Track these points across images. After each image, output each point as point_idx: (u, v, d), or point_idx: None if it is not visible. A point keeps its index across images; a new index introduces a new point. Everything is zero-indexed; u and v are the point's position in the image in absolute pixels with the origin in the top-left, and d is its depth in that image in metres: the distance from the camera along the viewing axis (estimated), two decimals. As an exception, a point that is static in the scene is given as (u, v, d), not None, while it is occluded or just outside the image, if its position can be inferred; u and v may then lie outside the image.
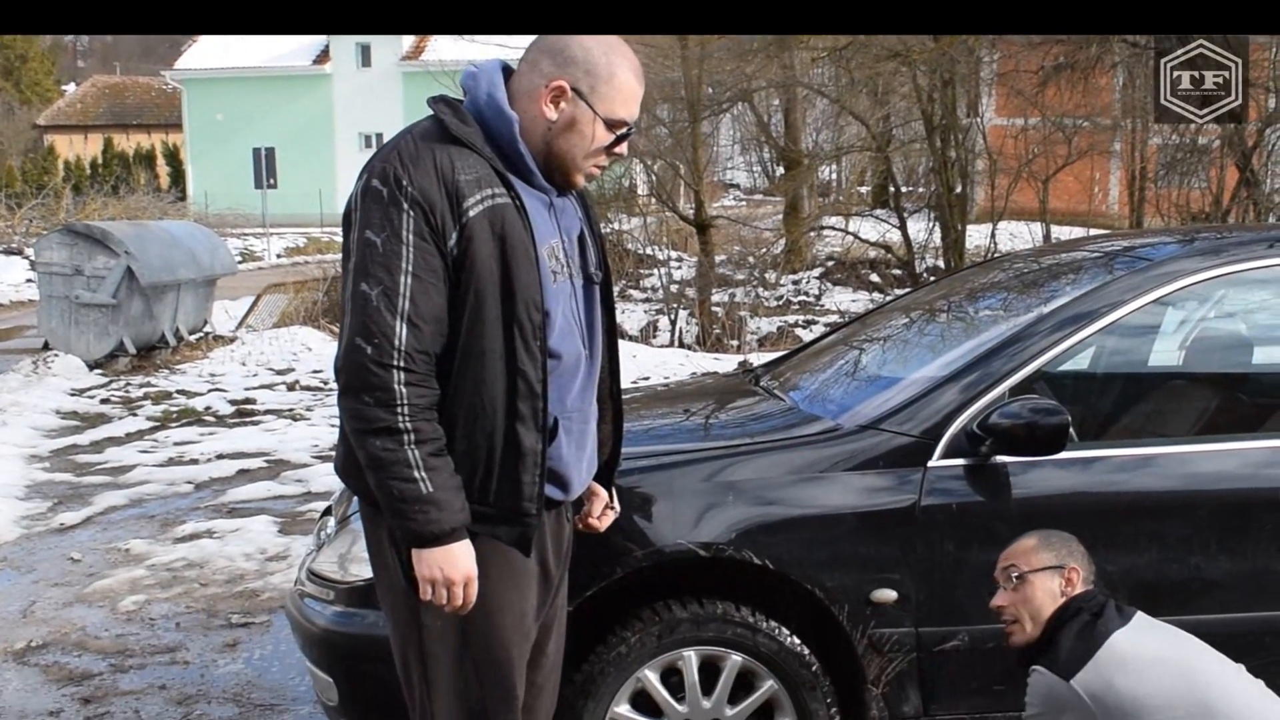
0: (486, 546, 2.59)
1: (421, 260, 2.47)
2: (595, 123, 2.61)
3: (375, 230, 2.47)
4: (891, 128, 19.70)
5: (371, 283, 2.46)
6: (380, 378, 2.45)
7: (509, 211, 2.54)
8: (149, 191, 33.84)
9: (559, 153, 2.63)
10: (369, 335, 2.45)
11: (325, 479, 8.08)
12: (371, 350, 2.45)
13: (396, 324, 2.45)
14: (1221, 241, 3.99)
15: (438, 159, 2.50)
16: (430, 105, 2.64)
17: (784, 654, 3.40)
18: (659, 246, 20.99)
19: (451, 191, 2.48)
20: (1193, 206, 17.18)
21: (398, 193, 2.46)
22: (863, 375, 4.21)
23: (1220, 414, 4.01)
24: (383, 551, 2.67)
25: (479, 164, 2.54)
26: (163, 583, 6.05)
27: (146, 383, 12.41)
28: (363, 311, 2.46)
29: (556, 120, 2.60)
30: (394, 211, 2.46)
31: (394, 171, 2.48)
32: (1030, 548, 3.09)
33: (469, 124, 2.58)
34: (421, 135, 2.56)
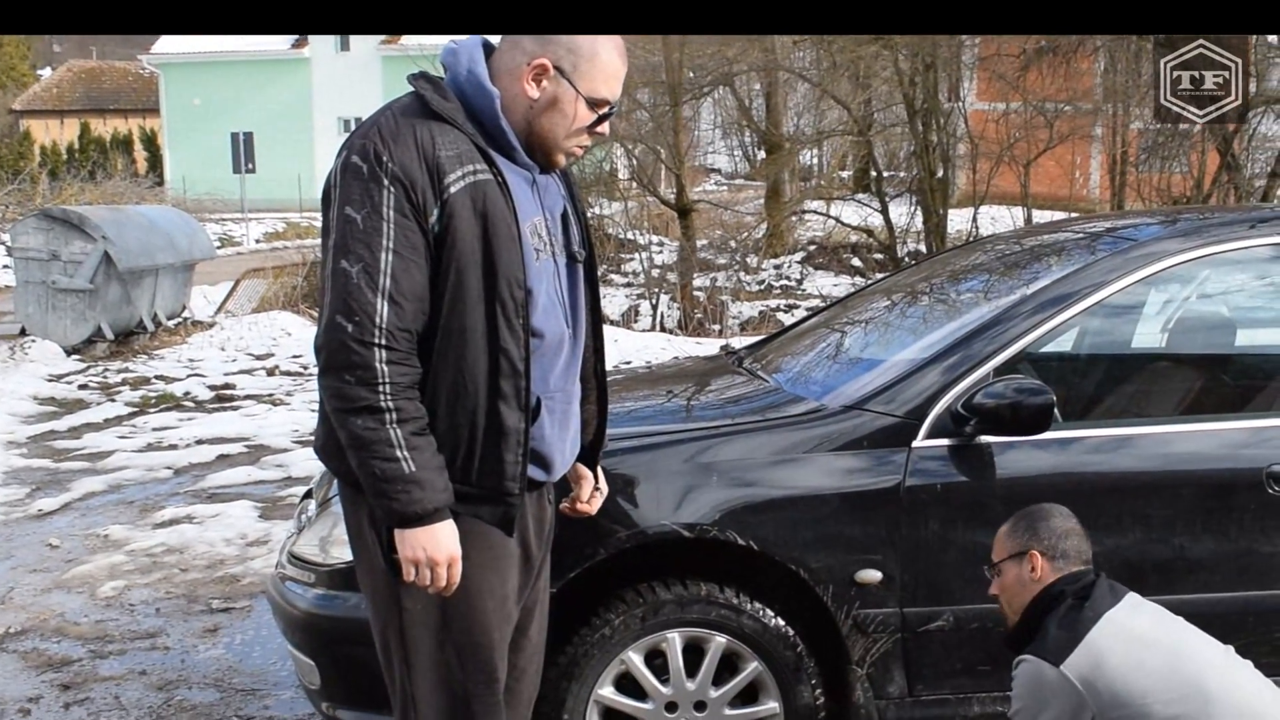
0: (469, 528, 2.57)
1: (403, 237, 2.44)
2: (578, 102, 2.58)
3: (355, 207, 2.44)
4: (873, 112, 19.68)
5: (352, 260, 2.43)
6: (361, 356, 2.42)
7: (491, 188, 2.51)
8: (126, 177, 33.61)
9: (540, 132, 2.60)
10: (350, 313, 2.42)
11: (305, 464, 8.04)
12: (352, 328, 2.42)
13: (378, 301, 2.42)
14: (1204, 222, 3.99)
15: (418, 135, 2.47)
16: (411, 81, 2.60)
17: (768, 635, 3.39)
18: (640, 231, 20.98)
19: (432, 168, 2.46)
20: (1174, 191, 17.23)
21: (378, 169, 2.43)
22: (847, 356, 4.20)
23: (1204, 394, 4.02)
24: (363, 534, 2.64)
25: (460, 140, 2.51)
26: (142, 568, 6.01)
27: (125, 368, 12.35)
28: (343, 289, 2.43)
29: (538, 99, 2.58)
30: (374, 188, 2.43)
31: (374, 148, 2.45)
32: (1001, 535, 3.09)
33: (450, 100, 2.55)
34: (402, 111, 2.53)
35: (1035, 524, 3.03)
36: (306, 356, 12.78)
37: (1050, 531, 3.01)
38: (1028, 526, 3.03)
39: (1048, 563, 2.98)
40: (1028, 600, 2.99)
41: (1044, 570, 2.98)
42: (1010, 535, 3.06)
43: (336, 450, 2.56)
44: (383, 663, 2.72)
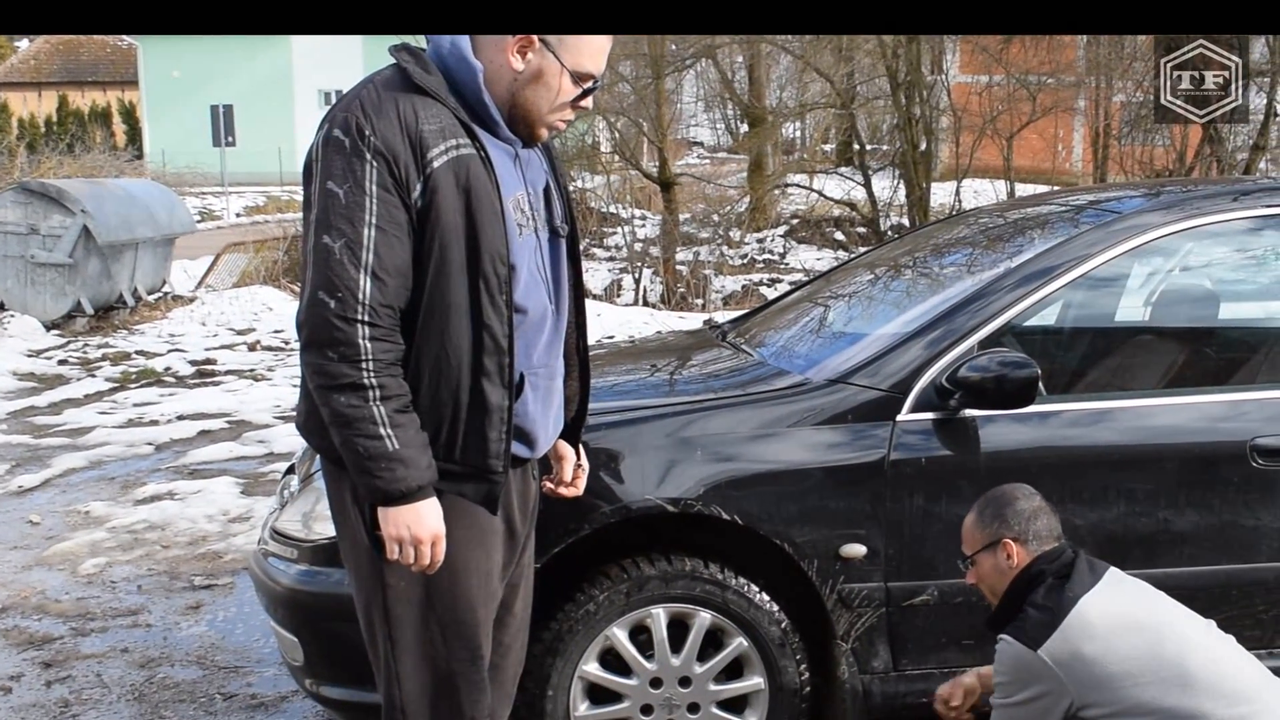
0: (452, 505, 2.55)
1: (385, 212, 2.41)
2: (562, 75, 2.56)
3: (338, 181, 2.41)
4: (856, 84, 19.66)
5: (334, 235, 2.40)
6: (344, 332, 2.39)
7: (474, 163, 2.48)
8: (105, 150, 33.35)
9: (524, 105, 2.57)
10: (332, 289, 2.40)
11: (287, 439, 8.01)
12: (335, 304, 2.39)
13: (360, 277, 2.39)
14: (1187, 195, 3.97)
15: (401, 108, 2.44)
16: (392, 53, 2.57)
17: (753, 611, 3.39)
18: (623, 205, 20.95)
19: (415, 142, 2.43)
20: (1156, 164, 17.25)
21: (360, 143, 2.40)
22: (830, 330, 4.18)
23: (1188, 367, 4.02)
24: (346, 510, 2.63)
25: (443, 114, 2.48)
26: (124, 545, 5.98)
27: (105, 343, 12.28)
28: (325, 265, 2.40)
29: (523, 71, 2.55)
30: (356, 162, 2.40)
31: (356, 121, 2.42)
32: (969, 527, 3.08)
33: (432, 73, 2.52)
34: (384, 84, 2.49)
35: (1002, 511, 3.02)
36: (288, 331, 12.72)
37: (1018, 516, 3.00)
38: (995, 515, 3.03)
39: (1021, 547, 2.98)
40: (1007, 585, 2.99)
41: (1019, 555, 2.97)
42: (979, 526, 3.05)
43: (319, 426, 2.54)
44: (366, 639, 2.70)
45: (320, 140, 2.46)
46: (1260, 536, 3.51)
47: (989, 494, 3.10)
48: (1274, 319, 4.06)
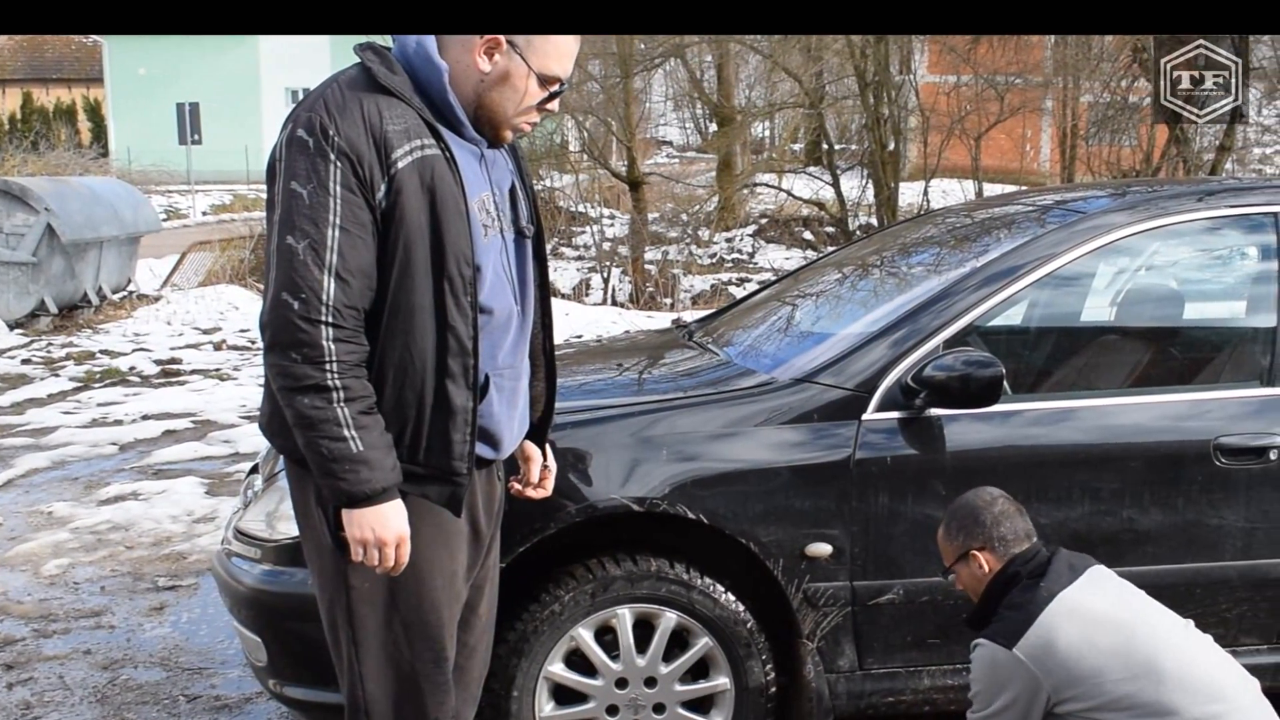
0: (416, 506, 2.54)
1: (349, 213, 2.39)
2: (529, 78, 2.54)
3: (301, 182, 2.39)
4: (824, 84, 19.71)
5: (298, 236, 2.38)
6: (308, 334, 2.37)
7: (439, 163, 2.47)
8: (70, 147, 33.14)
9: (489, 106, 2.56)
10: (295, 290, 2.37)
11: (253, 439, 7.96)
12: (298, 305, 2.37)
13: (324, 278, 2.37)
14: (1152, 195, 3.99)
15: (365, 109, 2.42)
16: (357, 53, 2.55)
17: (719, 611, 3.38)
18: (591, 204, 20.95)
19: (380, 142, 2.41)
20: (1123, 164, 17.36)
21: (324, 143, 2.38)
22: (797, 329, 4.18)
23: (1152, 367, 4.03)
24: (309, 511, 2.61)
25: (408, 114, 2.46)
26: (87, 546, 5.93)
27: (69, 342, 12.19)
28: (289, 265, 2.38)
29: (490, 73, 2.53)
30: (320, 162, 2.38)
31: (320, 121, 2.40)
32: (940, 541, 3.11)
33: (397, 73, 2.50)
34: (348, 84, 2.47)
35: (965, 524, 3.04)
36: (254, 331, 12.65)
37: (981, 526, 3.01)
38: (960, 528, 3.04)
39: (991, 554, 2.99)
40: (984, 589, 3.01)
41: (990, 562, 3.00)
42: (948, 539, 3.07)
43: (281, 428, 2.52)
44: (330, 641, 2.69)
45: (284, 140, 2.44)
46: (1223, 535, 3.52)
47: (954, 504, 3.11)
48: (1238, 319, 4.08)
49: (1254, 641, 3.62)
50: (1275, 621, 3.61)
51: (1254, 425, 3.54)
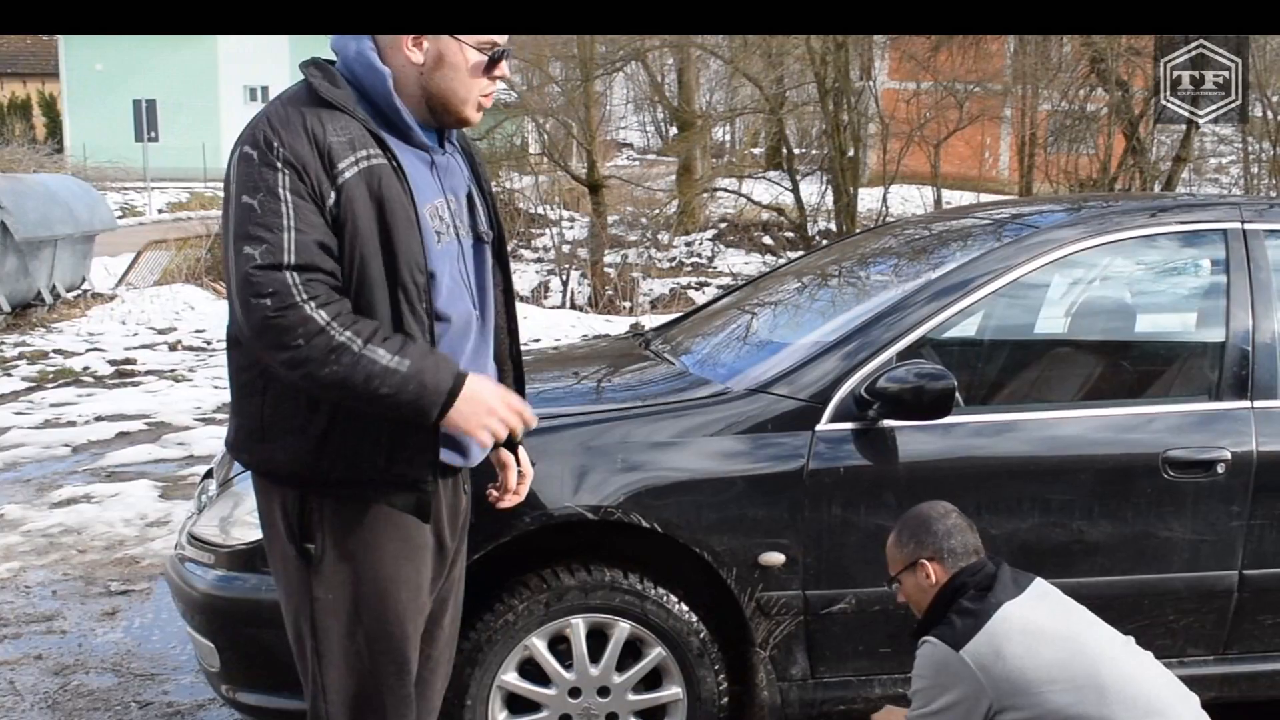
0: (383, 517, 2.55)
1: (302, 216, 2.38)
2: (462, 49, 2.54)
3: (251, 193, 2.38)
4: (785, 90, 19.75)
5: (254, 243, 2.36)
6: (290, 317, 2.34)
7: (385, 172, 2.47)
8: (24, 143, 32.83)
9: (439, 92, 2.56)
10: (261, 291, 2.35)
11: (208, 442, 7.92)
12: (271, 301, 2.34)
13: (286, 274, 2.36)
14: (1107, 210, 4.03)
15: (307, 121, 2.43)
16: (301, 70, 2.55)
17: (672, 622, 3.40)
18: (551, 206, 20.93)
19: (323, 153, 2.41)
20: (1081, 173, 17.50)
21: (269, 154, 2.39)
22: (753, 339, 4.20)
23: (1103, 380, 4.08)
24: (275, 523, 2.60)
25: (351, 125, 2.46)
26: (39, 549, 5.88)
27: (22, 342, 12.08)
28: (249, 273, 2.36)
29: (424, 61, 2.54)
30: (267, 172, 2.38)
31: (264, 135, 2.41)
32: (890, 549, 3.13)
33: (339, 86, 2.50)
34: (290, 100, 2.49)
35: (918, 533, 3.06)
36: (210, 331, 12.59)
37: (934, 536, 3.04)
38: (911, 536, 3.07)
39: (939, 565, 3.02)
40: (929, 601, 3.03)
41: (938, 573, 3.02)
42: (898, 547, 3.09)
43: (246, 442, 2.54)
44: (295, 652, 2.68)
45: (233, 161, 2.45)
46: (1171, 547, 3.57)
47: (906, 515, 3.13)
48: (1188, 333, 4.13)
49: (1200, 652, 3.67)
50: (1221, 632, 3.66)
51: (1202, 439, 3.58)
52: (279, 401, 2.49)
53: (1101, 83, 14.98)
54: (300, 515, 2.53)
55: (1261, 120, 14.96)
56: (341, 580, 2.56)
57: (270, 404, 2.50)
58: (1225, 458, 3.55)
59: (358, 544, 2.55)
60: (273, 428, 2.51)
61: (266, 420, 2.51)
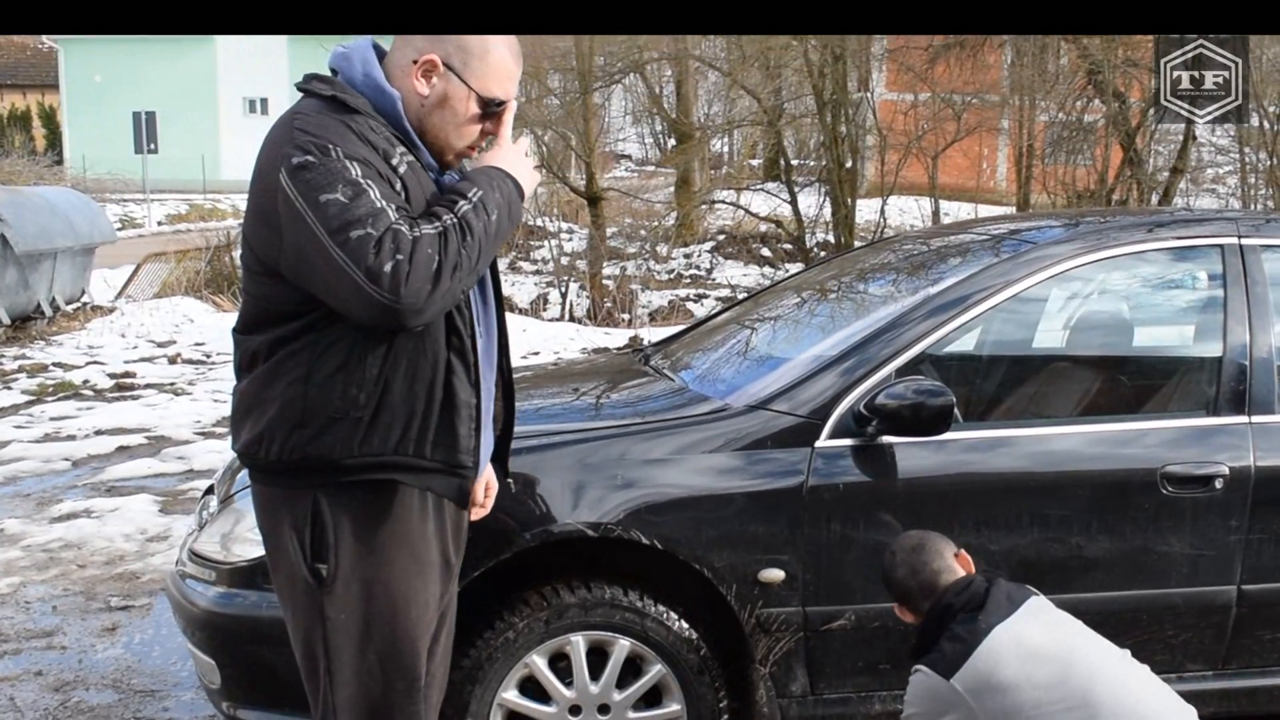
0: (395, 537, 2.57)
1: (387, 190, 2.39)
2: (469, 99, 2.55)
3: (328, 190, 2.34)
4: (783, 102, 19.79)
5: (357, 226, 2.32)
6: (400, 242, 2.33)
7: (421, 172, 2.52)
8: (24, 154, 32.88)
9: (431, 130, 2.57)
10: (395, 249, 2.32)
11: (208, 456, 7.92)
12: (402, 253, 2.32)
13: (403, 228, 2.35)
14: (1104, 226, 4.05)
15: (349, 123, 2.43)
16: (307, 83, 2.54)
17: (672, 639, 3.40)
18: (549, 218, 20.96)
19: (376, 149, 2.43)
20: (1078, 184, 17.51)
21: (330, 153, 2.36)
22: (752, 355, 4.22)
23: (1101, 395, 4.09)
24: (282, 542, 2.60)
25: (381, 128, 2.48)
26: (39, 564, 5.89)
27: (21, 355, 12.08)
28: (362, 248, 2.31)
29: (429, 96, 2.55)
30: (337, 166, 2.35)
31: (314, 141, 2.38)
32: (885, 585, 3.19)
33: (357, 96, 2.51)
34: (314, 109, 2.47)
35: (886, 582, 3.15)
36: (210, 344, 12.60)
37: (895, 585, 3.13)
38: (884, 582, 3.15)
39: (908, 609, 3.11)
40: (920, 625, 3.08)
41: (912, 616, 3.11)
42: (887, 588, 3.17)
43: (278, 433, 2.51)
44: (305, 671, 2.68)
45: (284, 177, 2.37)
46: (1169, 563, 3.58)
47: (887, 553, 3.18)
48: (1185, 348, 4.15)
49: (1199, 668, 3.68)
50: (1220, 647, 3.67)
51: (1200, 454, 3.59)
52: (325, 387, 2.47)
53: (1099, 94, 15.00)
54: (311, 535, 2.53)
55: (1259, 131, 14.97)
56: (354, 599, 2.57)
57: (315, 390, 2.47)
58: (1223, 473, 3.57)
59: (370, 563, 2.56)
60: (316, 413, 2.48)
61: (310, 406, 2.48)
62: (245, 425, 2.59)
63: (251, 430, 2.57)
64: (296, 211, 2.36)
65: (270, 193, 2.41)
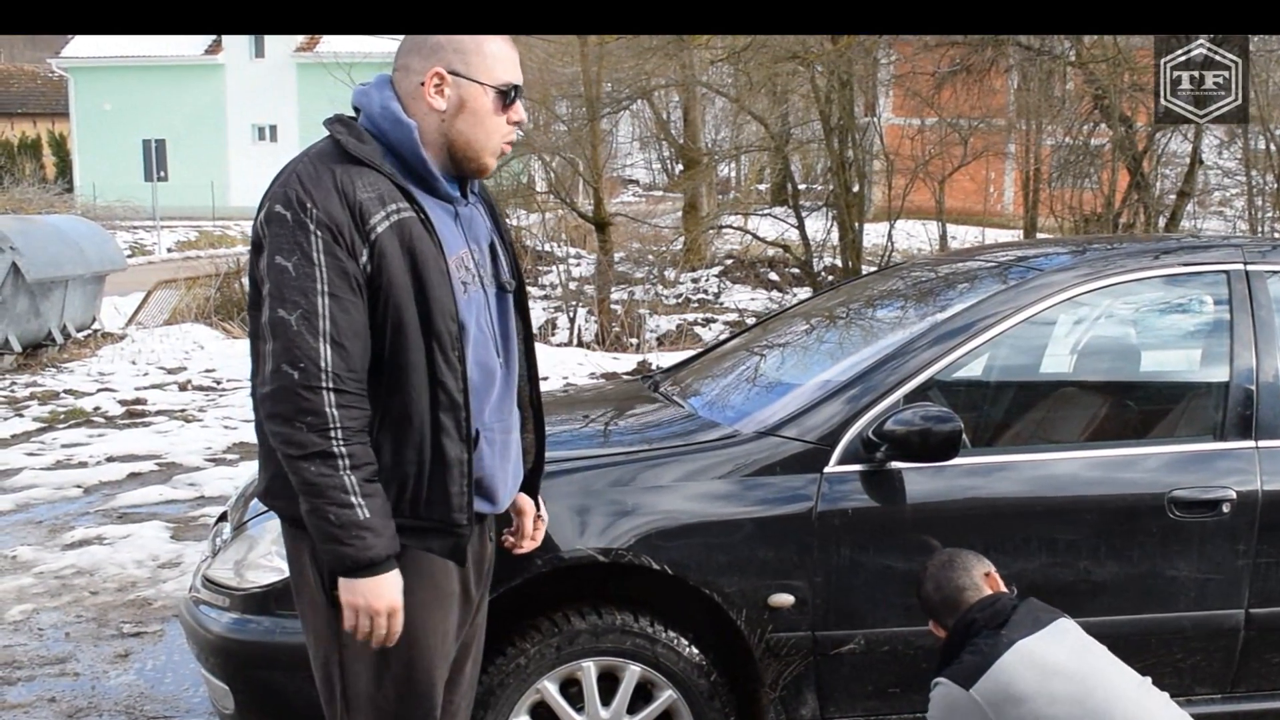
0: (414, 566, 2.58)
1: (336, 279, 2.44)
2: (485, 93, 2.60)
3: (285, 255, 2.43)
4: (790, 127, 19.82)
5: (289, 308, 2.42)
6: (310, 401, 2.41)
7: (414, 225, 2.52)
8: (35, 182, 33.04)
9: (461, 139, 2.61)
10: (294, 360, 2.41)
11: (218, 483, 7.95)
12: (299, 375, 2.41)
13: (320, 346, 2.41)
14: (1111, 252, 4.08)
15: (338, 179, 2.47)
16: (326, 126, 2.60)
17: (683, 664, 3.42)
18: (558, 243, 21.00)
19: (354, 209, 2.46)
20: (1085, 208, 17.51)
21: (302, 214, 2.43)
22: (761, 382, 4.25)
23: (1108, 421, 4.10)
24: (304, 571, 2.63)
25: (379, 180, 2.51)
26: (51, 591, 5.91)
27: (33, 382, 12.12)
28: (284, 337, 2.42)
29: (446, 108, 2.59)
30: (301, 234, 2.43)
31: (296, 195, 2.45)
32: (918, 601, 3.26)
33: (366, 141, 2.55)
34: (318, 156, 2.53)
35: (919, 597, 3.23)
36: (220, 371, 12.63)
37: (926, 602, 3.21)
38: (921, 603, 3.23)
39: (939, 625, 3.17)
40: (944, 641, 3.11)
41: (941, 630, 3.16)
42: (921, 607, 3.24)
43: (282, 490, 2.55)
44: (324, 697, 2.70)
45: (263, 218, 2.49)
46: (1178, 587, 3.59)
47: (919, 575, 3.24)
48: (1192, 373, 4.17)
49: (1208, 691, 3.69)
50: (1228, 671, 3.68)
51: (1207, 478, 3.62)
52: None
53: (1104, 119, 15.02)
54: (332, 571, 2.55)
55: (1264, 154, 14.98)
56: None
57: None
58: (1230, 497, 3.58)
59: None
60: None
61: None
62: (261, 474, 2.66)
63: (265, 480, 2.64)
64: (262, 255, 2.50)
65: (256, 226, 2.53)
